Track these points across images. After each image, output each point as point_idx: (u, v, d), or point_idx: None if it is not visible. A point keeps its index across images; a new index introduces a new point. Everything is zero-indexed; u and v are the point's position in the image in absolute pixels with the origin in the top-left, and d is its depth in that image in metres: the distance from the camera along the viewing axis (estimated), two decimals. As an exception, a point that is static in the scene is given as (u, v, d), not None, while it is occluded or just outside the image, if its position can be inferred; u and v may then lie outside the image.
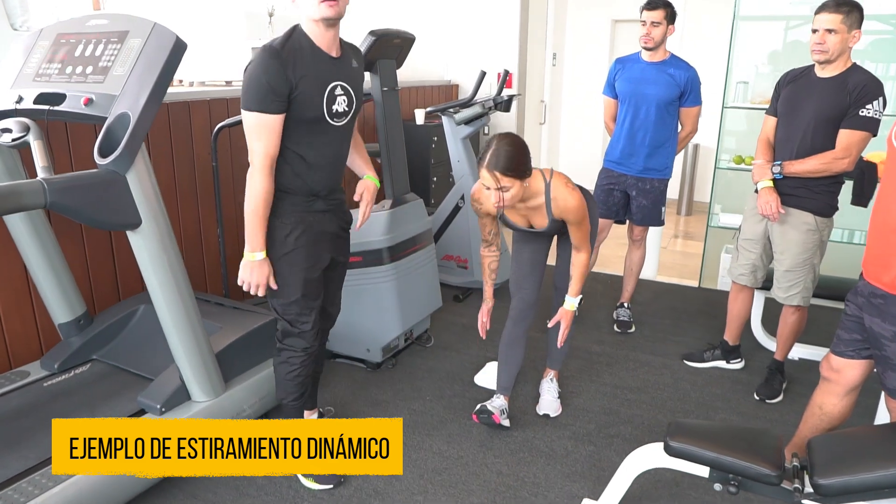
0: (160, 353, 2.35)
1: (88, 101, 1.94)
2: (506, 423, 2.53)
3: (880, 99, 2.39)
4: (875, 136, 2.45)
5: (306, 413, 2.39)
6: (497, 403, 2.54)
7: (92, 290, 2.75)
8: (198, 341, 2.17)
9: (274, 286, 2.00)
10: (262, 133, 1.84)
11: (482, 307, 2.56)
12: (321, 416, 2.50)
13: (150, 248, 1.97)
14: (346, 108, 2.00)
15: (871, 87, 2.39)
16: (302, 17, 1.91)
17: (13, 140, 1.89)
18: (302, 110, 1.88)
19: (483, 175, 2.08)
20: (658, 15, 3.08)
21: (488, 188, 2.09)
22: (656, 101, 3.18)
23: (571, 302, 2.42)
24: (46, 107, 2.02)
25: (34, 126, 1.91)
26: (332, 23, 1.88)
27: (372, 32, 2.67)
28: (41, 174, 1.78)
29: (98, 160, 1.84)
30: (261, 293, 1.99)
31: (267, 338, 2.52)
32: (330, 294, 2.24)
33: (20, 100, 2.10)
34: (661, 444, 1.81)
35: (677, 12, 3.17)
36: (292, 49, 1.86)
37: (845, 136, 2.44)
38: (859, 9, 2.38)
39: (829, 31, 2.39)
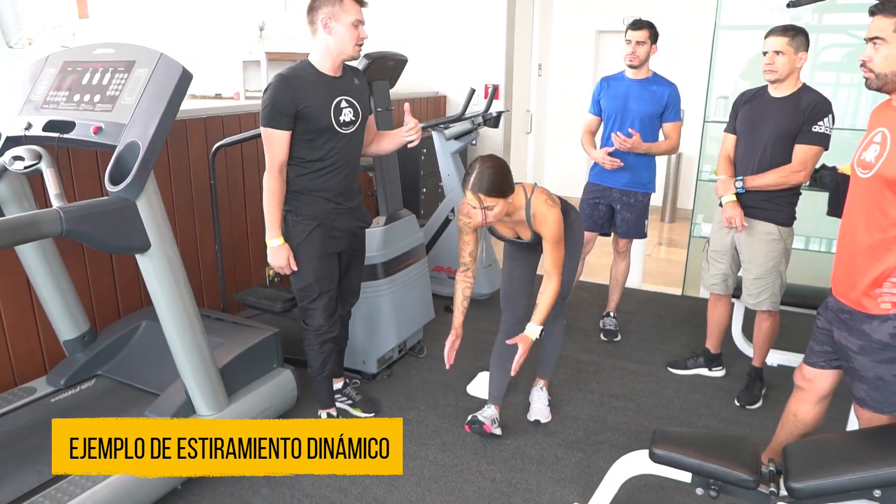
0: (163, 368, 2.43)
1: (98, 130, 2.02)
2: (497, 431, 2.63)
3: (830, 116, 2.57)
4: (827, 150, 2.62)
5: (334, 382, 2.80)
6: (488, 413, 2.64)
7: (93, 306, 2.82)
8: (203, 358, 2.25)
9: (295, 267, 2.40)
10: (272, 144, 2.27)
11: (449, 336, 2.50)
12: (345, 385, 2.87)
13: (158, 270, 2.05)
14: (353, 118, 2.38)
15: (822, 106, 2.56)
16: (319, 47, 2.29)
17: (26, 168, 1.96)
18: (315, 122, 2.28)
19: (468, 196, 2.23)
20: (643, 35, 3.22)
21: (474, 207, 2.23)
22: (640, 116, 3.31)
23: (533, 329, 2.43)
24: (56, 134, 2.10)
25: (46, 154, 1.98)
26: (352, 60, 2.35)
27: (367, 55, 2.77)
28: (55, 202, 1.86)
29: (109, 188, 1.92)
30: (286, 272, 2.41)
31: (267, 352, 2.61)
32: (349, 278, 2.65)
33: (29, 127, 2.17)
34: (646, 452, 1.92)
35: (659, 33, 3.29)
36: (299, 76, 2.27)
37: (801, 151, 2.61)
38: (804, 33, 2.56)
39: (777, 52, 2.57)
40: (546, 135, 7.22)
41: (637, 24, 3.23)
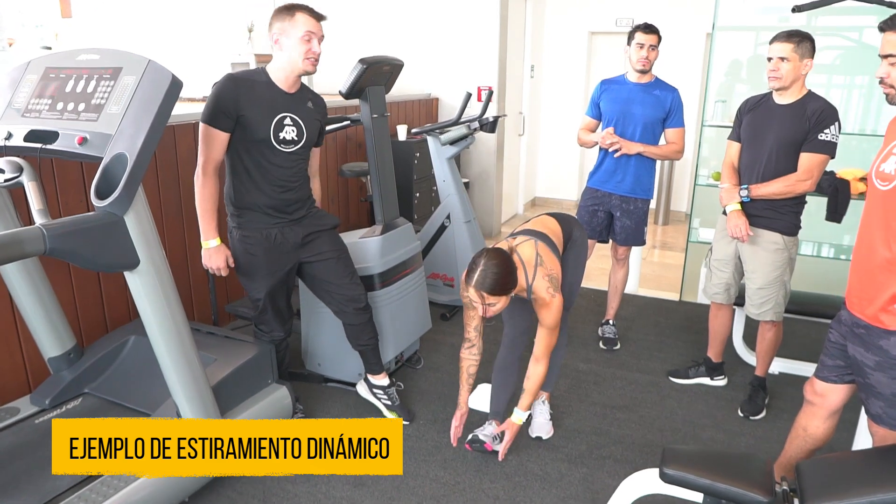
0: (153, 386, 2.34)
1: (83, 141, 1.92)
2: (499, 448, 2.57)
3: (836, 124, 2.52)
4: (833, 158, 2.58)
5: (378, 378, 2.78)
6: (489, 430, 2.57)
7: (79, 321, 2.72)
8: (194, 376, 2.16)
9: (232, 264, 2.41)
10: (209, 142, 2.24)
11: (455, 413, 2.58)
12: (390, 384, 2.83)
13: (147, 287, 1.96)
14: (296, 138, 2.36)
15: (828, 113, 2.51)
16: (276, 60, 2.30)
17: (6, 181, 1.87)
18: (253, 132, 2.26)
19: (470, 292, 2.15)
20: (655, 39, 3.18)
21: (476, 303, 2.16)
22: (643, 121, 3.26)
23: (519, 416, 2.45)
24: (38, 145, 1.99)
25: (27, 166, 1.89)
26: (306, 75, 2.32)
27: (362, 61, 2.68)
28: (38, 218, 1.77)
29: (96, 202, 1.82)
30: (223, 274, 2.39)
31: (261, 368, 2.52)
32: (331, 285, 2.56)
33: (9, 136, 2.07)
34: (655, 470, 1.86)
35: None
36: (249, 80, 2.28)
37: (806, 160, 2.56)
38: (810, 39, 2.51)
39: (782, 59, 2.52)
40: (539, 137, 7.17)
41: (650, 28, 3.17)
